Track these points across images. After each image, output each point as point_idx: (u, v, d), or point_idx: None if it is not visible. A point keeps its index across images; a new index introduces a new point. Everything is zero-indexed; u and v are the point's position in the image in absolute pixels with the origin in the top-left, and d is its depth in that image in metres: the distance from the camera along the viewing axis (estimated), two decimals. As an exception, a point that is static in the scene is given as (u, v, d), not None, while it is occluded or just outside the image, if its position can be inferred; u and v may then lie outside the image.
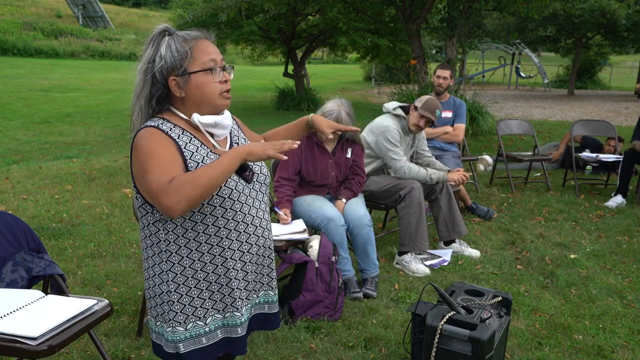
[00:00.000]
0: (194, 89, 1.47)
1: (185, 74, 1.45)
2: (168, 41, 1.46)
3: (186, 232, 1.47)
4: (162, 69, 1.45)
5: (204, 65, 1.46)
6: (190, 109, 1.50)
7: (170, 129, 1.46)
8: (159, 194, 1.34)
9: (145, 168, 1.38)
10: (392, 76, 20.02)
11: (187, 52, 1.45)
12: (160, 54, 1.45)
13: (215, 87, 1.48)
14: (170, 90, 1.48)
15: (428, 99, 3.85)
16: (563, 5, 10.53)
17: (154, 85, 1.47)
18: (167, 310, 1.51)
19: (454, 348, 2.20)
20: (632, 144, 5.45)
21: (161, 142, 1.42)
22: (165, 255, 1.49)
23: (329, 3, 10.56)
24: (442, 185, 3.99)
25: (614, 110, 13.68)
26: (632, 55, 25.36)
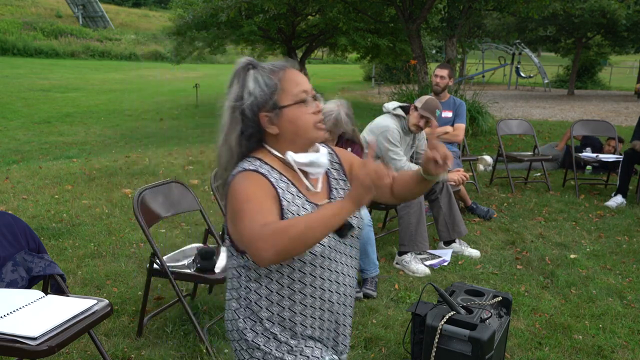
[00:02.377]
0: (287, 124, 1.37)
1: (277, 108, 1.36)
2: (254, 75, 1.37)
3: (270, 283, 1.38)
4: (252, 105, 1.36)
5: (295, 97, 1.37)
6: (284, 145, 1.40)
7: (268, 171, 1.36)
8: (250, 239, 1.23)
9: (240, 212, 1.28)
10: (392, 76, 20.00)
11: (277, 85, 1.36)
12: (248, 89, 1.36)
13: (309, 119, 1.38)
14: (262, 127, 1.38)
15: (428, 99, 3.84)
16: (563, 5, 10.53)
17: (244, 123, 1.37)
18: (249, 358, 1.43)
19: (454, 348, 2.20)
20: (632, 144, 5.45)
21: (259, 185, 1.32)
22: (244, 302, 1.41)
23: (329, 3, 10.56)
24: (442, 185, 3.99)
25: (614, 110, 13.68)
26: (632, 55, 25.35)
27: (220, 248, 3.03)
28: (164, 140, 8.89)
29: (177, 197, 2.94)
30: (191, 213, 4.57)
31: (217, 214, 4.65)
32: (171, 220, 4.54)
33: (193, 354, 2.64)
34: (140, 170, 6.30)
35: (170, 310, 3.03)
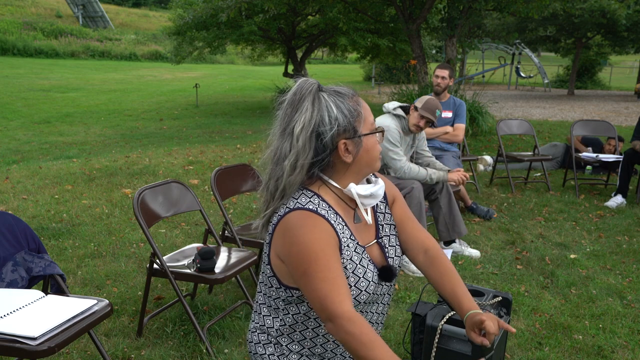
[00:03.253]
0: (364, 153, 1.32)
1: (357, 136, 1.30)
2: (335, 100, 1.30)
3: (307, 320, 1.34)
4: (333, 130, 1.27)
5: (372, 126, 1.33)
6: (347, 177, 1.33)
7: (326, 211, 1.28)
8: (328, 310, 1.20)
9: (311, 273, 1.21)
10: (392, 76, 20.02)
11: (360, 112, 1.31)
12: (330, 114, 1.27)
13: (378, 150, 1.36)
14: (336, 156, 1.30)
15: (428, 99, 3.85)
16: (563, 5, 10.53)
17: (318, 150, 1.28)
18: None
19: (454, 348, 2.20)
20: (632, 144, 5.45)
21: (326, 239, 1.24)
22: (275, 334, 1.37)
23: (329, 3, 10.56)
24: (442, 185, 3.99)
25: (614, 110, 13.69)
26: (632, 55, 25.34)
27: (220, 248, 3.03)
28: (164, 140, 8.89)
29: (177, 197, 2.94)
30: (191, 213, 4.58)
31: (217, 214, 4.66)
32: (171, 220, 4.54)
33: (193, 354, 2.64)
34: (140, 170, 6.30)
35: (170, 310, 3.03)
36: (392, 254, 1.40)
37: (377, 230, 1.40)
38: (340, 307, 1.19)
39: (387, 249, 1.39)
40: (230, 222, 3.25)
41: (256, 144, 8.19)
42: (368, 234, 1.38)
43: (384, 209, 1.45)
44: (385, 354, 1.18)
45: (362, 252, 1.31)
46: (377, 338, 1.20)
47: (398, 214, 1.47)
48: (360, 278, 1.29)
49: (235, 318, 2.99)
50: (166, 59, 20.84)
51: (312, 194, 1.30)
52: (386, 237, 1.41)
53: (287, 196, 1.30)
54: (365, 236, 1.36)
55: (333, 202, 1.32)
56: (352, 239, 1.31)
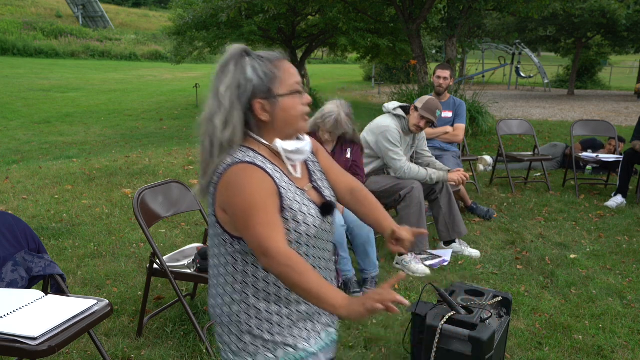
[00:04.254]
0: (281, 112, 1.42)
1: (273, 96, 1.41)
2: (252, 63, 1.42)
3: None
4: (248, 91, 1.40)
5: (291, 87, 1.43)
6: (272, 134, 1.45)
7: (263, 162, 1.41)
8: (265, 250, 1.32)
9: (250, 219, 1.34)
10: (392, 76, 20.01)
11: (275, 74, 1.41)
12: (246, 76, 1.40)
13: (300, 110, 1.45)
14: (253, 115, 1.42)
15: (428, 99, 3.84)
16: (563, 5, 10.53)
17: (240, 108, 1.41)
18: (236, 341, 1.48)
19: (454, 348, 2.20)
20: (632, 144, 5.45)
21: (263, 186, 1.37)
22: (240, 287, 1.46)
23: (329, 3, 10.56)
24: (442, 185, 3.99)
25: (614, 110, 13.69)
26: (632, 55, 25.33)
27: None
28: (164, 140, 8.89)
29: (177, 197, 2.94)
30: (191, 213, 4.58)
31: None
32: (171, 220, 4.54)
33: (193, 354, 2.64)
34: (140, 170, 6.30)
35: (170, 310, 3.03)
36: (327, 194, 1.56)
37: (310, 176, 1.56)
38: (276, 244, 1.32)
39: (322, 190, 1.55)
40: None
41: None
42: (303, 180, 1.53)
43: (313, 158, 1.61)
44: (319, 279, 1.32)
45: (302, 195, 1.46)
46: (310, 267, 1.34)
47: (323, 163, 1.64)
48: (306, 215, 1.43)
49: (235, 318, 2.98)
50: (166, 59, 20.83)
51: (247, 149, 1.43)
52: (320, 180, 1.58)
53: (223, 153, 1.41)
54: (301, 182, 1.51)
55: (268, 156, 1.45)
56: (291, 184, 1.46)
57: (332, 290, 1.32)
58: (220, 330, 1.51)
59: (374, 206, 1.64)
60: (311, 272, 1.32)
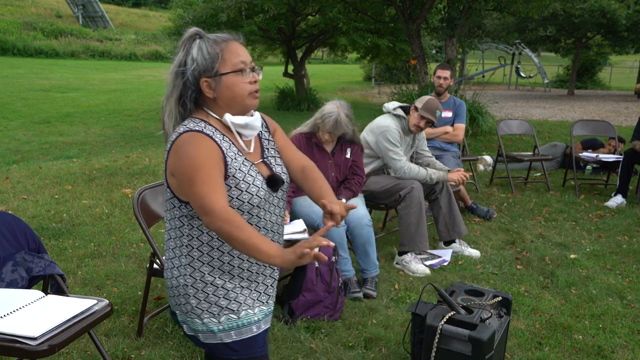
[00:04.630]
0: (225, 90, 1.52)
1: (217, 75, 1.51)
2: (199, 44, 1.52)
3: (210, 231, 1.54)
4: (195, 71, 1.51)
5: (234, 66, 1.51)
6: (221, 110, 1.55)
7: (212, 132, 1.52)
8: (205, 211, 1.42)
9: (194, 179, 1.44)
10: (392, 76, 20.01)
11: (218, 54, 1.51)
12: (192, 56, 1.51)
13: (245, 88, 1.53)
14: (202, 92, 1.53)
15: (428, 99, 3.85)
16: (563, 5, 10.53)
17: (185, 87, 1.53)
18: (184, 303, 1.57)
19: (454, 348, 2.20)
20: (632, 144, 5.45)
21: (208, 151, 1.47)
22: (186, 250, 1.55)
23: (329, 3, 10.56)
24: (442, 185, 3.99)
25: (614, 110, 13.69)
26: (632, 55, 25.33)
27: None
28: (164, 140, 8.87)
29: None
30: (191, 213, 4.58)
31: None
32: (171, 220, 4.53)
33: (193, 354, 2.64)
34: (140, 170, 6.30)
35: (170, 310, 3.03)
36: (278, 170, 1.65)
37: (263, 152, 1.66)
38: (217, 203, 1.41)
39: (273, 166, 1.64)
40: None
41: (256, 144, 8.18)
42: (255, 155, 1.63)
43: (268, 136, 1.71)
44: (255, 232, 1.41)
45: (250, 166, 1.56)
46: (247, 223, 1.43)
47: (279, 143, 1.74)
48: (250, 184, 1.52)
49: (235, 318, 2.98)
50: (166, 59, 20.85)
51: (199, 120, 1.54)
52: (272, 157, 1.67)
53: (177, 124, 1.55)
54: (252, 157, 1.61)
55: (220, 128, 1.56)
56: (239, 155, 1.55)
57: (268, 242, 1.41)
58: (171, 292, 1.61)
59: (319, 184, 1.71)
60: (248, 227, 1.41)
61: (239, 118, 1.56)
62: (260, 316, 1.62)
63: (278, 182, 1.59)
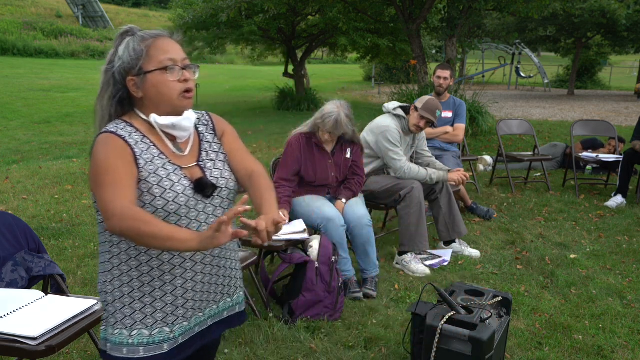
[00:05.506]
0: (151, 88, 1.44)
1: (142, 73, 1.43)
2: (128, 41, 1.45)
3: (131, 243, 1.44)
4: (121, 69, 1.44)
5: (160, 63, 1.43)
6: (149, 110, 1.47)
7: (130, 133, 1.43)
8: (108, 212, 1.33)
9: (99, 181, 1.36)
10: (392, 76, 20.00)
11: (143, 51, 1.43)
12: (119, 54, 1.45)
13: (173, 87, 1.44)
14: (129, 92, 1.46)
15: (428, 99, 3.85)
16: (563, 5, 10.53)
17: (114, 86, 1.45)
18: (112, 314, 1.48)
19: (454, 348, 2.20)
20: (632, 144, 5.45)
21: (117, 152, 1.39)
22: (117, 262, 1.46)
23: (329, 3, 10.56)
24: (442, 185, 3.99)
25: (614, 110, 13.68)
26: (632, 55, 25.32)
27: (220, 248, 3.03)
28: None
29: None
30: (191, 213, 4.57)
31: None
32: (171, 220, 4.53)
33: (193, 354, 2.64)
34: (140, 170, 6.29)
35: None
36: (216, 174, 1.53)
37: (200, 155, 1.55)
38: (119, 203, 1.32)
39: (209, 170, 1.52)
40: (230, 222, 3.25)
41: (256, 144, 8.19)
42: (190, 158, 1.52)
43: (211, 139, 1.60)
44: (166, 224, 1.32)
45: (174, 170, 1.45)
46: (157, 218, 1.34)
47: (228, 146, 1.63)
48: (166, 190, 1.41)
49: (235, 318, 2.98)
50: (166, 59, 20.80)
51: (121, 121, 1.46)
52: (210, 161, 1.55)
53: (103, 126, 1.46)
54: (184, 160, 1.51)
55: (144, 130, 1.47)
56: (160, 158, 1.45)
57: (181, 230, 1.34)
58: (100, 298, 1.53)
59: (260, 193, 1.56)
60: (158, 220, 1.33)
61: (165, 118, 1.46)
62: (178, 333, 1.50)
63: (206, 187, 1.47)
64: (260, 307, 3.11)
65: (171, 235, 1.29)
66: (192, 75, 1.49)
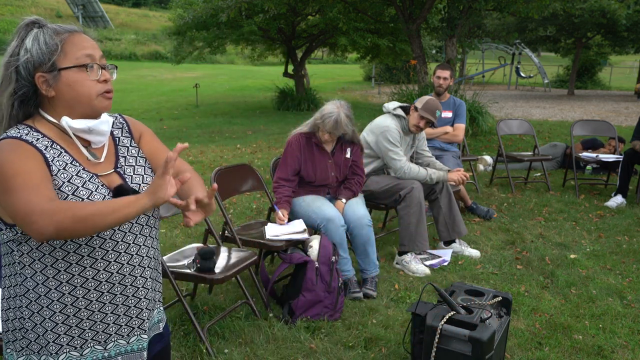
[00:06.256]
0: (66, 87, 1.29)
1: (55, 69, 1.28)
2: (36, 33, 1.29)
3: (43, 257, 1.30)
4: (28, 63, 1.27)
5: (77, 60, 1.30)
6: (61, 111, 1.32)
7: (37, 139, 1.28)
8: (27, 212, 1.17)
9: (9, 187, 1.19)
10: (392, 76, 20.01)
11: (58, 46, 1.29)
12: (25, 46, 1.28)
13: (91, 86, 1.31)
14: (38, 90, 1.30)
15: (428, 99, 3.85)
16: (563, 5, 10.53)
17: (18, 82, 1.28)
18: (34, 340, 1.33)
19: (454, 348, 2.20)
20: (632, 144, 5.45)
21: (26, 156, 1.24)
22: (32, 284, 1.31)
23: (329, 3, 10.57)
24: (442, 185, 3.99)
25: (614, 110, 13.68)
26: (632, 55, 25.30)
27: (220, 248, 3.03)
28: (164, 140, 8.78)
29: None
30: (191, 213, 4.57)
31: (217, 214, 4.66)
32: (171, 220, 4.54)
33: (193, 354, 2.64)
34: (140, 170, 6.29)
35: (170, 310, 3.04)
36: (137, 180, 1.42)
37: (117, 161, 1.42)
38: (40, 202, 1.17)
39: (129, 176, 1.41)
40: (230, 222, 3.26)
41: (256, 144, 8.19)
42: (106, 164, 1.39)
43: (128, 143, 1.47)
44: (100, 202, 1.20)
45: (89, 178, 1.31)
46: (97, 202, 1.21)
47: (147, 149, 1.51)
48: (83, 200, 1.27)
49: (235, 318, 2.99)
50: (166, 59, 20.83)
51: (24, 126, 1.30)
52: (129, 167, 1.43)
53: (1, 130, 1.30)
54: (101, 167, 1.37)
55: (53, 135, 1.32)
56: (74, 165, 1.31)
57: (121, 198, 1.23)
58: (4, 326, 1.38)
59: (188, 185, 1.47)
60: (91, 201, 1.22)
61: (80, 122, 1.32)
62: (113, 352, 1.39)
63: (126, 193, 1.33)
64: (260, 307, 3.11)
65: (115, 206, 1.19)
66: (111, 76, 1.37)
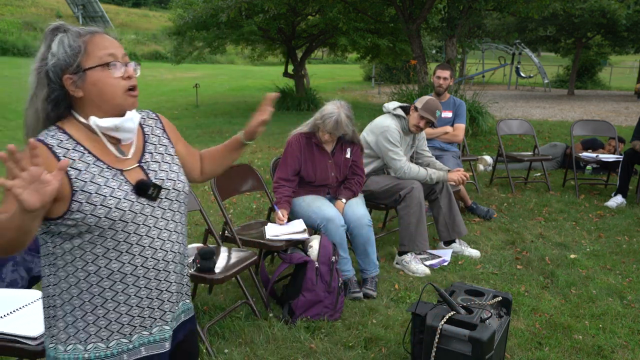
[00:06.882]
0: (92, 87, 1.35)
1: (80, 70, 1.34)
2: (61, 37, 1.35)
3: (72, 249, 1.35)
4: (55, 66, 1.33)
5: (100, 60, 1.35)
6: (90, 111, 1.37)
7: (60, 141, 1.33)
8: None
9: None
10: (392, 76, 20.00)
11: (81, 47, 1.34)
12: (52, 51, 1.34)
13: (116, 84, 1.36)
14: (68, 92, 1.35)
15: (428, 99, 3.85)
16: (563, 5, 10.53)
17: (49, 86, 1.34)
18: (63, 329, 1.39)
19: (454, 348, 2.20)
20: (632, 144, 5.45)
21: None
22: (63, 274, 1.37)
23: (329, 3, 10.56)
24: (442, 185, 3.99)
25: (614, 110, 13.68)
26: (632, 55, 25.29)
27: (220, 248, 3.03)
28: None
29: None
30: (191, 213, 4.58)
31: (217, 214, 4.66)
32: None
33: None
34: (140, 170, 6.29)
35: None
36: (161, 176, 1.45)
37: (142, 156, 1.46)
38: None
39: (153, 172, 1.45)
40: (230, 222, 3.25)
41: (256, 144, 8.19)
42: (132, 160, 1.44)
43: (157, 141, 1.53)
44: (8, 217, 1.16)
45: (113, 175, 1.36)
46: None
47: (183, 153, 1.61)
48: (106, 197, 1.32)
49: (235, 318, 2.99)
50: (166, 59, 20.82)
51: (54, 128, 1.35)
52: (155, 162, 1.48)
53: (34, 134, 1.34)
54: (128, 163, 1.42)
55: (80, 136, 1.37)
56: (97, 165, 1.35)
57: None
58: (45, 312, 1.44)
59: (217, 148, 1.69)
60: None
61: (107, 120, 1.37)
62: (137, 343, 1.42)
63: (148, 188, 1.37)
64: (260, 307, 3.11)
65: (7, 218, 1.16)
66: (134, 72, 1.41)
